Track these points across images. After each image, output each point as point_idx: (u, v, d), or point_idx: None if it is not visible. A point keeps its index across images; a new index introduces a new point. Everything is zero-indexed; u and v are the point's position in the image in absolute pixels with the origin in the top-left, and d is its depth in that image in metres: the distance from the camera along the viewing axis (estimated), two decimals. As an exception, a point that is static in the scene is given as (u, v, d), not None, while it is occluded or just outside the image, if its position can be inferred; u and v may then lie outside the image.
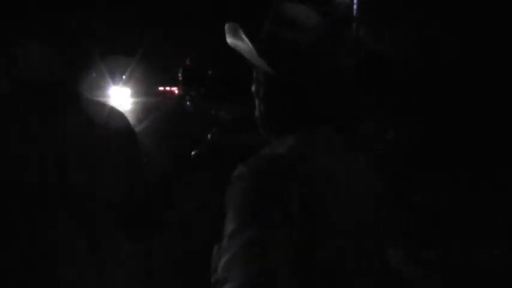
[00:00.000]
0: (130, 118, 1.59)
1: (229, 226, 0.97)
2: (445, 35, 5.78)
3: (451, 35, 5.74)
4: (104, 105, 1.47)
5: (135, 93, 26.95)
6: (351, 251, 1.06)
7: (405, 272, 3.87)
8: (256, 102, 1.18)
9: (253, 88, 1.18)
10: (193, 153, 1.51)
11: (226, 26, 1.14)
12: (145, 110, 18.87)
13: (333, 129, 1.11)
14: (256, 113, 1.18)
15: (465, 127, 5.63)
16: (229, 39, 1.15)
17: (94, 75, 1.48)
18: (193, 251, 4.26)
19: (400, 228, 4.04)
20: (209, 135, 1.50)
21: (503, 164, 5.26)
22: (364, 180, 1.15)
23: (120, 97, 24.31)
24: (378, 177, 1.19)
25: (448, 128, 5.73)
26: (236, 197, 0.99)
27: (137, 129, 1.56)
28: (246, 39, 1.10)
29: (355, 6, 6.68)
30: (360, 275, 1.08)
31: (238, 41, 1.13)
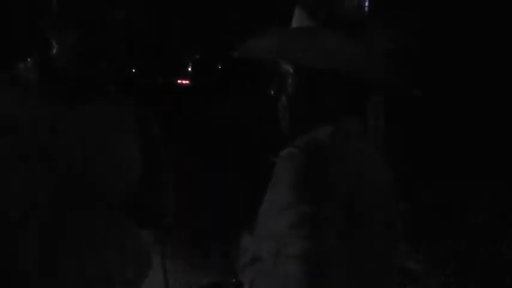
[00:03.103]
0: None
1: (279, 202, 1.02)
2: (446, 35, 5.76)
3: (452, 35, 5.72)
4: (126, 98, 1.47)
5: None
6: (376, 239, 1.11)
7: (413, 267, 3.88)
8: (283, 99, 1.19)
9: (276, 86, 1.20)
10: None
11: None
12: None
13: (359, 122, 1.16)
14: (283, 110, 1.20)
15: (467, 126, 5.62)
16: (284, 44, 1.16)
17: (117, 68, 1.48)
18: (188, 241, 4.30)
19: (408, 223, 4.05)
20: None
21: (505, 163, 5.25)
22: (385, 169, 1.20)
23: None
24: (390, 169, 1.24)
25: (450, 127, 5.73)
26: (285, 175, 1.04)
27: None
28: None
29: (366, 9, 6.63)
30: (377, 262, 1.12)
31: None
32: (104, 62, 1.33)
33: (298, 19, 1.18)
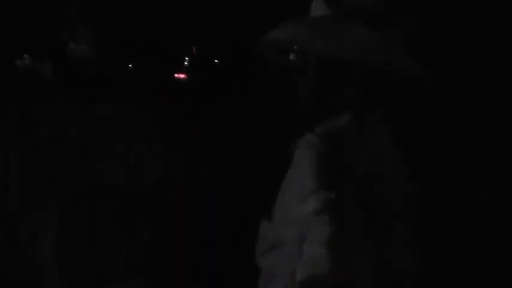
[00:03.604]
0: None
1: (301, 188, 1.05)
2: (447, 35, 5.79)
3: (452, 34, 5.75)
4: (133, 97, 1.49)
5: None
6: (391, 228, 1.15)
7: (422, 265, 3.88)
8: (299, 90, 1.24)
9: (289, 79, 1.23)
10: None
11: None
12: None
13: (377, 112, 1.21)
14: (299, 101, 1.24)
15: (466, 125, 5.65)
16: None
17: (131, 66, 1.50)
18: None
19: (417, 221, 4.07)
20: None
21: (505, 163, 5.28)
22: (402, 160, 1.26)
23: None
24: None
25: (449, 126, 5.76)
26: (306, 163, 1.07)
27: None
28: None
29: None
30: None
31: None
32: (116, 61, 1.35)
33: (316, 9, 1.21)
